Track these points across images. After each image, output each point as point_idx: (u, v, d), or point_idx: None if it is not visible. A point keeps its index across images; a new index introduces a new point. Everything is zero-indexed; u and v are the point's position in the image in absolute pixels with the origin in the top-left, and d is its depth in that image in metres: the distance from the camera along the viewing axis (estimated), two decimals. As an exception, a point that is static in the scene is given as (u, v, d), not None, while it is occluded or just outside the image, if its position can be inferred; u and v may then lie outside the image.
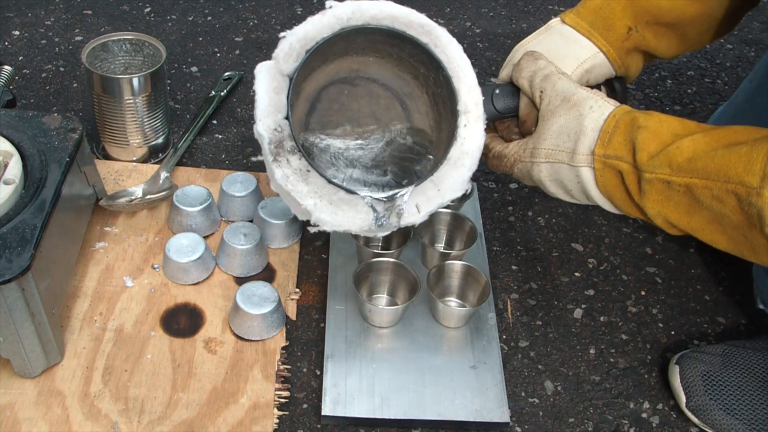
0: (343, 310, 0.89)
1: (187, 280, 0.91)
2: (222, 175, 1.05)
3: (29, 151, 0.81)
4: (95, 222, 0.97)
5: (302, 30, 0.72)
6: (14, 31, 1.35)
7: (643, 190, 0.68)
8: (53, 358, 0.80)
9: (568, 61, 0.81)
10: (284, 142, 0.70)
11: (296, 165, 0.70)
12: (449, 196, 0.74)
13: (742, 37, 1.56)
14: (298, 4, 1.49)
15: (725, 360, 0.85)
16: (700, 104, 1.35)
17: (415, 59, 0.77)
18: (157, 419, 0.78)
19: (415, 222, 0.73)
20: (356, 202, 0.71)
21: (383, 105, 0.83)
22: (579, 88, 0.73)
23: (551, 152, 0.73)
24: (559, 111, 0.73)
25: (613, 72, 0.84)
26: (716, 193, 0.64)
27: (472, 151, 0.74)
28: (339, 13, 0.72)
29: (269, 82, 0.71)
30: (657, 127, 0.68)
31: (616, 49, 0.82)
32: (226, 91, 1.23)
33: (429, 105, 0.81)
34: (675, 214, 0.68)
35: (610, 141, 0.69)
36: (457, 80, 0.75)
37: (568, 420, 0.84)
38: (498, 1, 1.59)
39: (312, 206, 0.70)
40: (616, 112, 0.70)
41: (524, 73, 0.76)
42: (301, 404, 0.82)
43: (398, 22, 0.74)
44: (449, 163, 0.74)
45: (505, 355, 0.90)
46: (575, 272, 1.01)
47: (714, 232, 0.67)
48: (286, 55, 0.72)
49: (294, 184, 0.70)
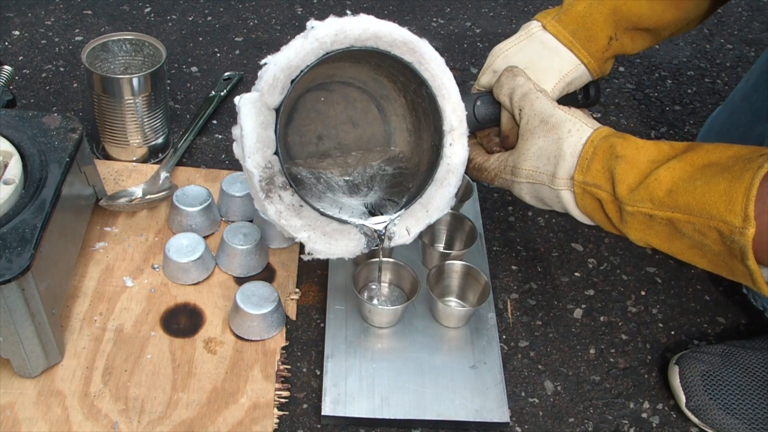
0: (343, 310, 0.89)
1: (187, 280, 0.91)
2: (222, 175, 1.05)
3: (29, 151, 0.81)
4: (95, 222, 0.97)
5: (285, 58, 0.69)
6: (14, 31, 1.35)
7: (624, 220, 0.70)
8: (53, 358, 0.80)
9: (550, 75, 0.82)
10: (275, 178, 0.69)
11: (288, 200, 0.70)
12: (436, 215, 0.76)
13: (742, 37, 1.56)
14: (298, 4, 1.50)
15: (725, 360, 0.85)
16: (700, 104, 1.35)
17: (394, 69, 0.77)
18: (157, 419, 0.78)
19: (405, 242, 0.76)
20: (349, 230, 0.73)
21: (360, 108, 0.83)
22: (556, 108, 0.74)
23: (531, 173, 0.74)
24: (538, 132, 0.74)
25: (590, 78, 0.85)
26: (698, 228, 0.65)
27: (457, 168, 0.76)
28: (321, 36, 0.69)
29: (255, 117, 0.68)
30: (634, 155, 0.69)
31: (597, 60, 0.83)
32: (226, 91, 1.23)
33: (406, 108, 0.81)
34: (656, 241, 0.70)
35: (589, 168, 0.70)
36: (441, 98, 0.74)
37: (568, 420, 0.84)
38: (498, 1, 1.59)
39: (306, 238, 0.71)
40: (594, 137, 0.71)
41: (504, 90, 0.77)
42: (301, 404, 0.82)
43: (382, 42, 0.71)
44: (436, 184, 0.75)
45: (505, 355, 0.90)
46: (575, 272, 1.01)
47: (694, 256, 0.69)
48: (270, 87, 0.68)
49: (287, 219, 0.70)
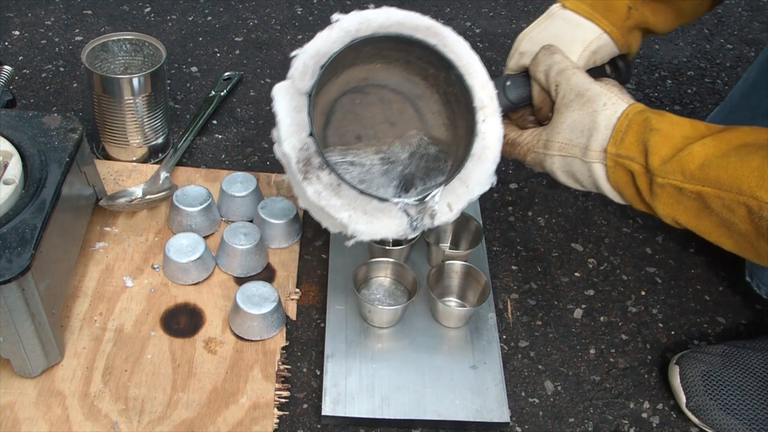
0: (343, 310, 0.89)
1: (187, 280, 0.91)
2: (222, 175, 1.05)
3: (29, 151, 0.81)
4: (95, 222, 0.97)
5: (313, 47, 0.72)
6: (14, 31, 1.35)
7: (654, 192, 0.70)
8: (53, 358, 0.80)
9: (574, 45, 0.82)
10: (312, 159, 0.70)
11: (326, 180, 0.70)
12: (478, 190, 0.75)
13: (742, 37, 1.56)
14: (298, 4, 1.49)
15: (725, 360, 0.85)
16: (700, 104, 1.35)
17: (423, 61, 0.78)
18: (157, 419, 0.78)
19: (448, 220, 0.75)
20: (389, 209, 0.72)
21: (396, 109, 0.83)
22: (593, 83, 0.74)
23: (564, 146, 0.75)
24: (573, 105, 0.74)
25: (617, 51, 0.85)
26: (727, 203, 0.65)
27: (494, 144, 0.76)
28: (346, 26, 0.72)
29: (288, 102, 0.71)
30: (669, 129, 0.69)
31: (619, 28, 0.83)
32: (226, 91, 1.23)
33: (441, 104, 0.82)
34: (684, 217, 0.70)
35: (623, 140, 0.71)
36: (469, 77, 0.75)
37: (568, 420, 0.84)
38: (498, 1, 1.59)
39: (347, 218, 0.71)
40: (629, 110, 0.72)
41: (540, 66, 0.78)
42: (301, 404, 0.82)
43: (405, 27, 0.74)
44: (473, 159, 0.75)
45: (505, 355, 0.90)
46: (575, 272, 1.01)
47: (721, 235, 0.69)
48: (301, 73, 0.71)
49: (327, 199, 0.70)
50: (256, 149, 1.14)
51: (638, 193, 0.72)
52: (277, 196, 1.03)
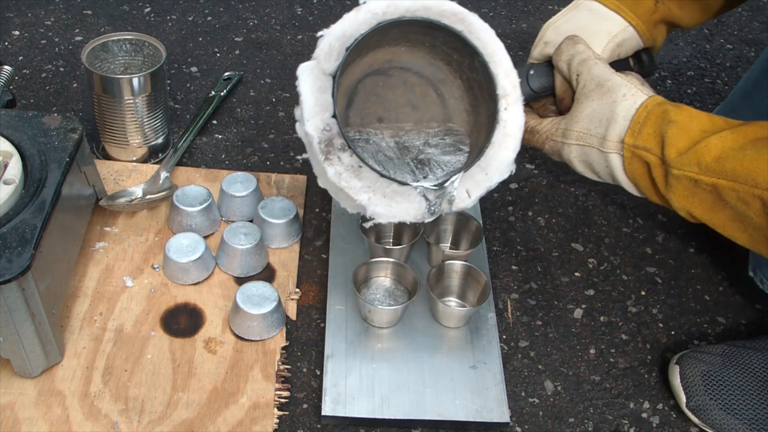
0: (343, 310, 0.89)
1: (187, 280, 0.91)
2: (222, 175, 1.05)
3: (29, 151, 0.81)
4: (95, 222, 0.97)
5: (340, 28, 0.72)
6: (14, 31, 1.35)
7: (669, 184, 0.70)
8: (53, 358, 0.80)
9: (599, 36, 0.82)
10: (334, 140, 0.70)
11: (348, 162, 0.70)
12: (497, 178, 0.75)
13: (742, 37, 1.56)
14: (298, 4, 1.49)
15: (725, 360, 0.85)
16: (700, 104, 1.35)
17: (447, 46, 0.78)
18: (157, 419, 0.78)
19: (466, 206, 0.75)
20: (409, 192, 0.72)
21: (418, 93, 0.84)
22: (614, 74, 0.75)
23: (582, 135, 0.75)
24: (593, 95, 0.74)
25: (642, 44, 0.85)
26: (742, 196, 0.66)
27: (515, 133, 0.76)
28: (374, 8, 0.72)
29: (313, 82, 0.71)
30: (687, 122, 0.70)
31: (645, 21, 0.83)
32: (226, 91, 1.23)
33: (463, 89, 0.82)
34: (699, 210, 0.70)
35: (641, 131, 0.71)
36: (493, 65, 0.75)
37: (568, 420, 0.84)
38: (498, 1, 1.59)
39: (366, 200, 0.71)
40: (648, 102, 0.72)
41: (563, 56, 0.78)
42: (301, 404, 0.82)
43: (432, 12, 0.74)
44: (494, 147, 0.75)
45: (505, 355, 0.90)
46: (575, 272, 1.01)
47: (735, 229, 0.70)
48: (326, 54, 0.71)
49: (347, 180, 0.70)
50: (256, 149, 1.14)
51: (654, 185, 0.72)
52: (277, 196, 1.03)
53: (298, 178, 1.08)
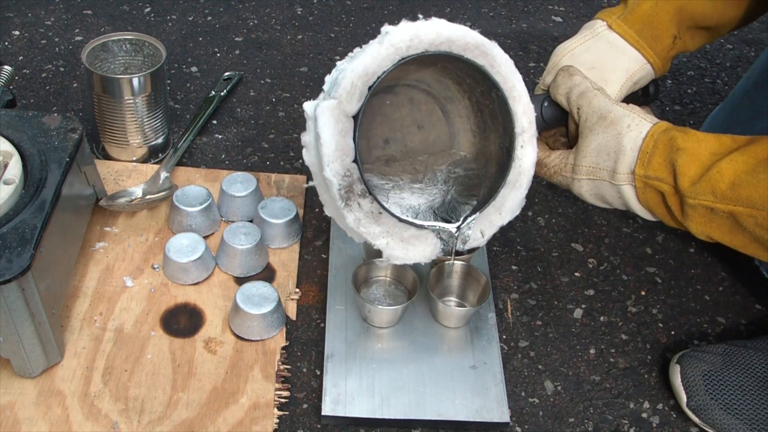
0: (343, 310, 0.89)
1: (187, 280, 0.91)
2: (222, 175, 1.05)
3: (29, 151, 0.81)
4: (95, 222, 0.97)
5: (362, 65, 0.68)
6: (14, 31, 1.35)
7: (686, 212, 0.70)
8: (53, 358, 0.80)
9: (617, 73, 0.82)
10: (354, 186, 0.69)
11: (368, 208, 0.70)
12: (509, 217, 0.77)
13: (742, 37, 1.56)
14: (298, 4, 1.49)
15: (726, 359, 0.85)
16: (700, 104, 1.35)
17: (463, 72, 0.77)
18: (157, 419, 0.78)
19: (479, 245, 0.77)
20: (426, 236, 0.74)
21: (424, 111, 0.83)
22: (615, 105, 0.74)
23: (592, 170, 0.75)
24: (597, 129, 0.74)
25: (653, 77, 0.85)
26: (760, 222, 0.66)
27: (528, 170, 0.77)
28: (397, 41, 0.69)
29: (334, 125, 0.67)
30: (695, 147, 0.69)
31: (662, 58, 0.83)
32: (226, 91, 1.23)
33: (470, 109, 0.81)
34: (718, 234, 0.70)
35: (650, 162, 0.71)
36: (512, 100, 0.75)
37: (568, 420, 0.84)
38: (498, 1, 1.59)
39: (384, 245, 0.72)
40: (654, 130, 0.72)
41: (561, 90, 0.78)
42: (301, 404, 0.82)
43: (455, 45, 0.71)
44: (508, 186, 0.76)
45: (505, 355, 0.90)
46: (575, 272, 1.01)
47: (756, 249, 0.70)
48: (348, 94, 0.68)
49: (366, 226, 0.71)
50: (256, 149, 1.14)
51: (670, 212, 0.72)
52: (277, 196, 1.03)
53: (298, 178, 1.08)
